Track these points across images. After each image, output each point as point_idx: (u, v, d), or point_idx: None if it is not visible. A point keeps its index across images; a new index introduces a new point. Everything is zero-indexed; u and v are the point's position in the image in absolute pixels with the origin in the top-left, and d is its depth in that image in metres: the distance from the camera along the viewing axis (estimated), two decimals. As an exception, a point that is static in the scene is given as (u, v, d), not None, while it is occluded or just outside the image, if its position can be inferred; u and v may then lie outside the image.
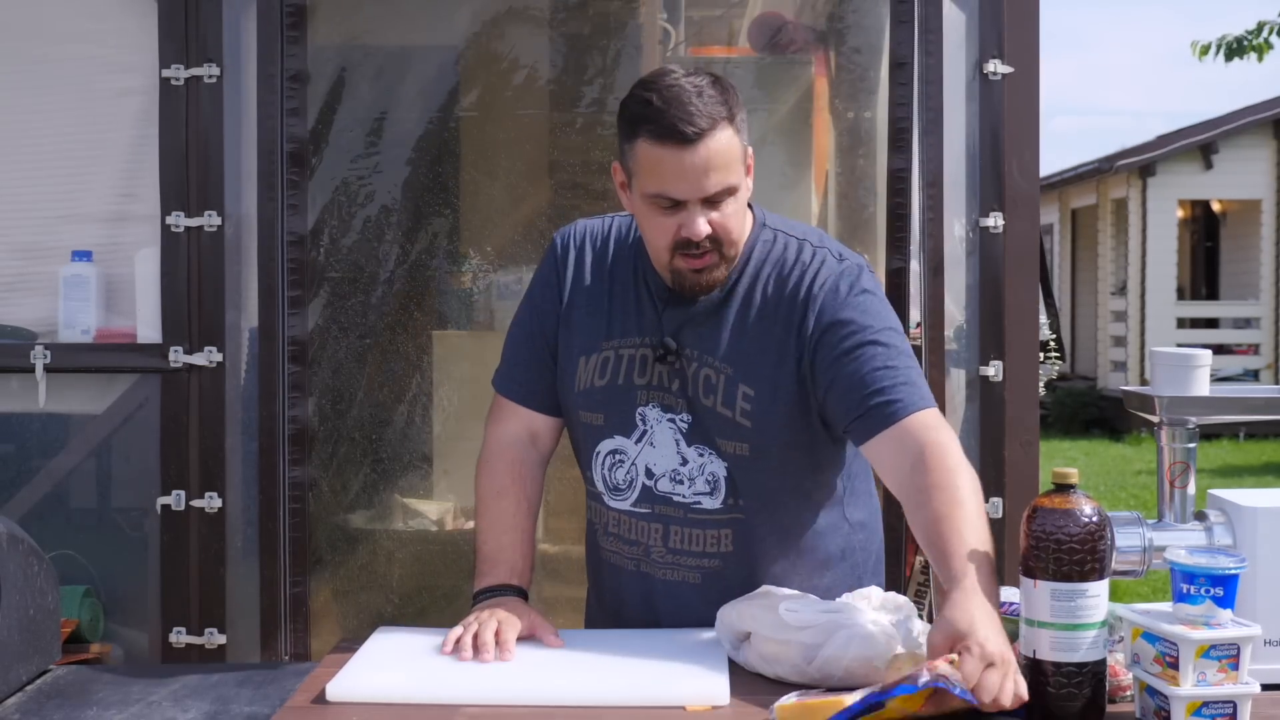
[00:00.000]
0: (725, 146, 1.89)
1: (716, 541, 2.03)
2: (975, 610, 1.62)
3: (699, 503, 2.02)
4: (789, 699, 1.63)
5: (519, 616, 1.93)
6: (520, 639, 1.90)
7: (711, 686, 1.72)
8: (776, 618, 1.79)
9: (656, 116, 1.87)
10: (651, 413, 2.03)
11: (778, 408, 1.98)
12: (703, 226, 1.91)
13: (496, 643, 1.86)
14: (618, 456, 2.06)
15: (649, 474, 2.03)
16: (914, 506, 1.83)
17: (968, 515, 1.75)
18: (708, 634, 1.93)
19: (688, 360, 2.01)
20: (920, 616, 1.87)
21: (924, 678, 1.53)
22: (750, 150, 1.98)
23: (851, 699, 1.56)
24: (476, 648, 1.84)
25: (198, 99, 2.84)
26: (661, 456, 2.02)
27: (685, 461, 2.02)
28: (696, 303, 2.01)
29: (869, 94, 3.60)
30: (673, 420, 2.02)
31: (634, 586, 2.09)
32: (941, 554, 1.73)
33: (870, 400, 1.90)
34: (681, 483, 2.02)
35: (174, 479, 2.85)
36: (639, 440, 2.04)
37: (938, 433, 1.87)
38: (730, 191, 1.92)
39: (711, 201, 1.91)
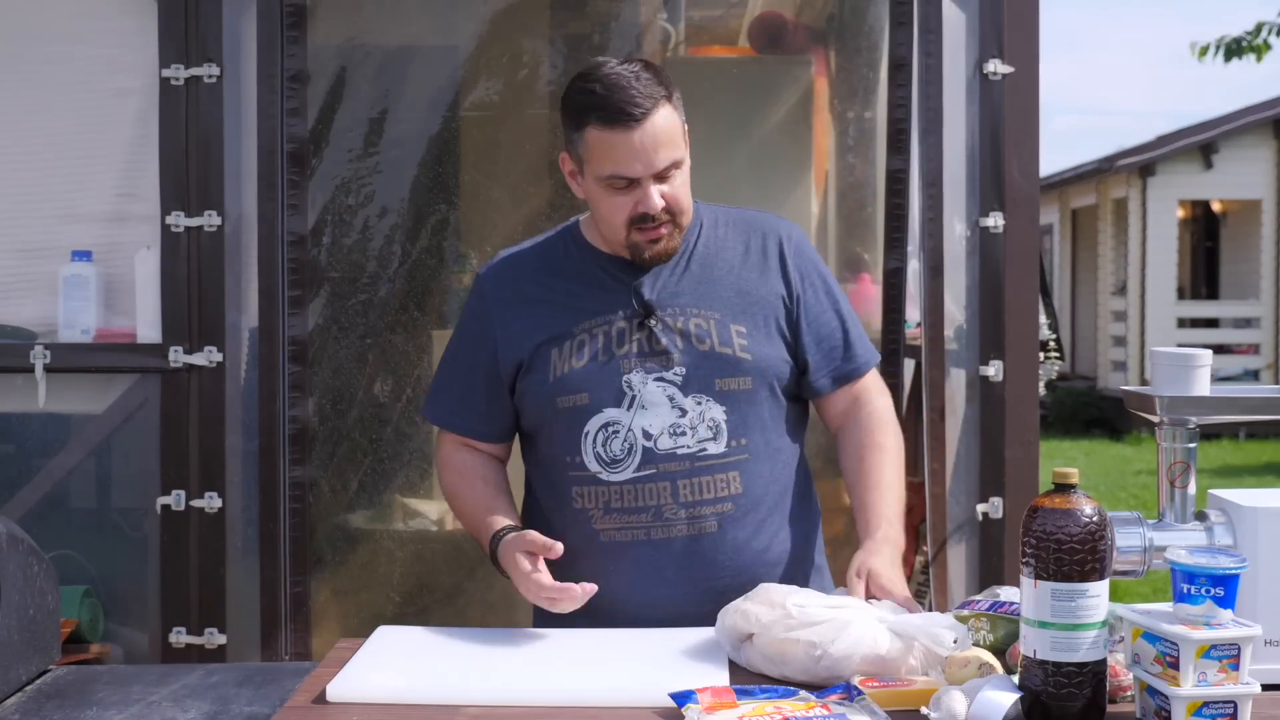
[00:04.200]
0: (668, 123, 2.06)
1: (725, 485, 2.10)
2: (883, 553, 2.03)
3: (704, 449, 2.10)
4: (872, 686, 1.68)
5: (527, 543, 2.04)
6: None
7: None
8: (783, 614, 1.79)
9: (602, 103, 2.03)
10: (636, 378, 2.11)
11: (770, 341, 2.16)
12: (657, 200, 2.07)
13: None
14: (611, 428, 2.11)
15: (646, 435, 2.10)
16: (849, 457, 2.21)
17: (889, 479, 2.16)
18: (708, 634, 1.93)
19: (672, 317, 2.13)
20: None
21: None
22: (686, 126, 2.13)
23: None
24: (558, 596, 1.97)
25: (198, 99, 2.84)
26: (655, 416, 2.09)
27: (684, 412, 2.10)
28: (663, 269, 2.15)
29: (869, 94, 3.60)
30: (660, 379, 2.10)
31: (646, 556, 2.10)
32: (861, 504, 2.15)
33: (841, 355, 2.21)
34: (683, 434, 2.10)
35: (174, 479, 2.85)
36: (629, 406, 2.11)
37: (883, 395, 2.27)
38: (677, 164, 2.09)
39: (661, 176, 2.07)
